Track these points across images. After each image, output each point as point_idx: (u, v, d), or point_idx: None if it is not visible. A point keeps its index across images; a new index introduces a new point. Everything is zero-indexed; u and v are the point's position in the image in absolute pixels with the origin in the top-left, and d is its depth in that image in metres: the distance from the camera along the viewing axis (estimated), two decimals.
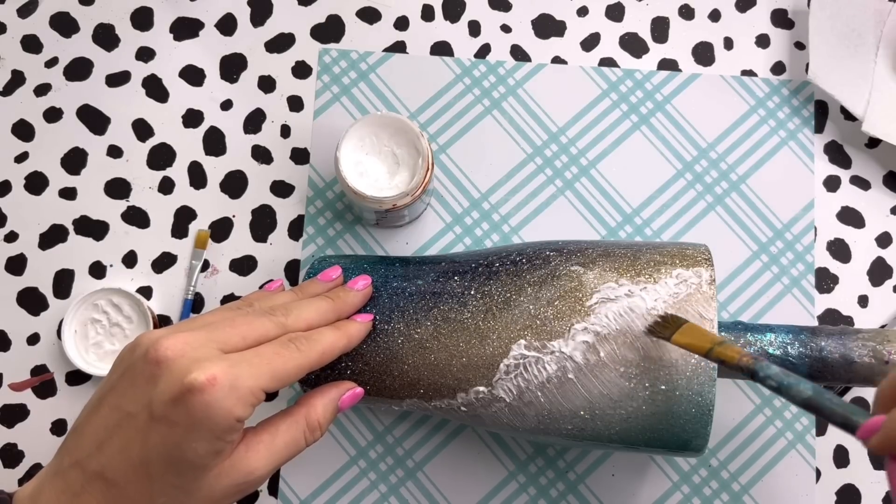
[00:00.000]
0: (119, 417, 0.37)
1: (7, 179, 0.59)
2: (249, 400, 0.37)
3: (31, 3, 0.61)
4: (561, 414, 0.45)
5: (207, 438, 0.36)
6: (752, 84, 0.60)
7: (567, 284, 0.46)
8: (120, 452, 0.37)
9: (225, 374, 0.36)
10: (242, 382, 0.36)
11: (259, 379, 0.37)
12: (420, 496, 0.55)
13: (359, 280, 0.48)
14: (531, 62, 0.60)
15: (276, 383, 0.38)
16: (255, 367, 0.37)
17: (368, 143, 0.52)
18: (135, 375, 0.37)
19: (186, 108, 0.60)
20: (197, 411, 0.35)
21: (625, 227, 0.58)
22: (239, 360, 0.37)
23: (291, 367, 0.39)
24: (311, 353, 0.41)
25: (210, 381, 0.35)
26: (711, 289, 0.45)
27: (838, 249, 0.58)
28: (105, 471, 0.37)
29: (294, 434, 0.41)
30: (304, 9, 0.61)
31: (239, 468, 0.38)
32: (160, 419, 0.36)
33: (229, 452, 0.38)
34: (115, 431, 0.37)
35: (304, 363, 0.40)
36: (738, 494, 0.55)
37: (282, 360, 0.39)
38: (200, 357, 0.36)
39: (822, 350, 0.45)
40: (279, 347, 0.40)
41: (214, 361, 0.36)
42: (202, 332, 0.38)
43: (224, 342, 0.38)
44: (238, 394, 0.36)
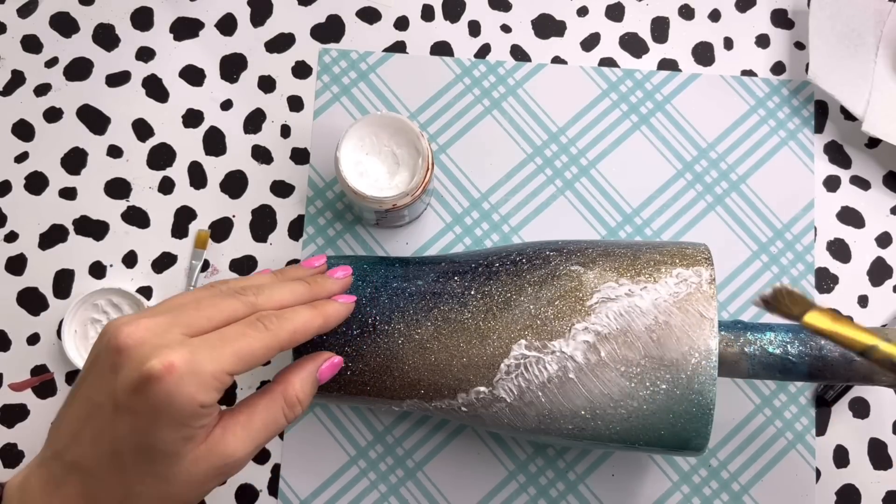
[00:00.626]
0: (89, 408, 0.37)
1: (7, 179, 0.59)
2: (212, 384, 0.36)
3: (31, 3, 0.61)
4: (562, 414, 0.45)
5: (172, 426, 0.35)
6: (752, 84, 0.60)
7: (567, 284, 0.46)
8: (92, 443, 0.36)
9: (184, 360, 0.35)
10: (203, 367, 0.35)
11: (221, 362, 0.36)
12: (420, 496, 0.55)
13: (338, 270, 0.46)
14: (531, 62, 0.60)
15: (243, 365, 0.37)
16: (216, 351, 0.36)
17: (368, 143, 0.52)
18: (101, 365, 0.37)
19: (186, 108, 0.60)
20: (157, 400, 0.35)
21: (625, 227, 0.58)
22: (200, 345, 0.36)
23: (258, 347, 0.38)
24: (281, 331, 0.39)
25: (167, 368, 0.35)
26: (711, 288, 0.45)
27: (838, 249, 0.58)
28: (81, 461, 0.37)
29: (272, 412, 0.40)
30: (304, 9, 0.61)
31: (216, 451, 0.37)
32: (124, 409, 0.35)
33: (203, 437, 0.37)
34: (86, 422, 0.37)
35: (272, 343, 0.38)
36: (738, 494, 0.55)
37: (247, 340, 0.37)
38: (160, 343, 0.36)
39: (822, 349, 0.45)
40: (245, 327, 0.38)
41: (174, 347, 0.35)
42: (165, 317, 0.37)
43: (188, 325, 0.37)
44: (199, 379, 0.35)
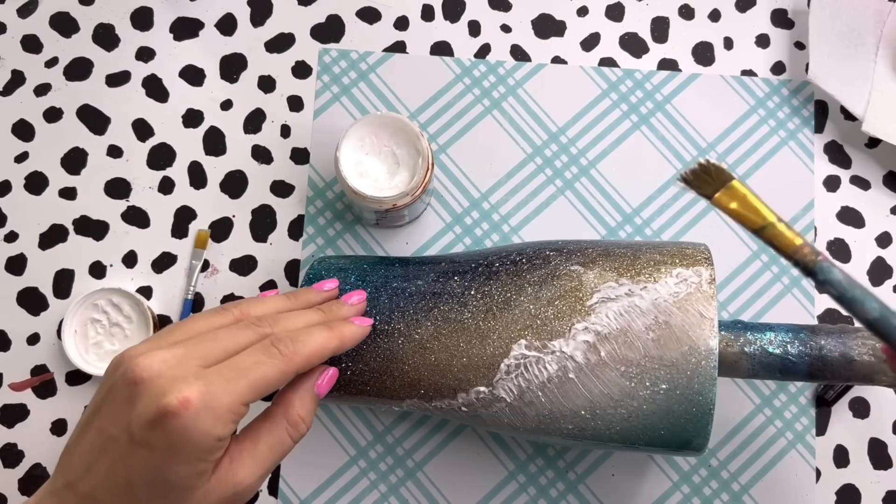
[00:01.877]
0: (103, 440, 0.36)
1: (7, 179, 0.59)
2: (228, 417, 0.36)
3: (31, 3, 0.61)
4: (562, 413, 0.45)
5: (188, 461, 0.35)
6: (752, 84, 0.60)
7: (567, 284, 0.46)
8: (106, 475, 0.36)
9: (199, 395, 0.35)
10: (219, 401, 0.35)
11: (237, 395, 0.36)
12: (420, 496, 0.55)
13: (353, 295, 0.46)
14: (531, 62, 0.60)
15: (258, 395, 0.37)
16: (231, 383, 0.36)
17: (368, 143, 0.52)
18: (115, 396, 0.36)
19: (186, 108, 0.60)
20: (174, 435, 0.34)
21: (625, 226, 0.58)
22: (215, 377, 0.36)
23: (273, 374, 0.37)
24: (296, 357, 0.38)
25: (183, 403, 0.34)
26: (711, 288, 0.45)
27: (838, 249, 0.58)
28: (94, 492, 0.36)
29: (277, 435, 0.40)
30: (304, 9, 0.61)
31: (226, 482, 0.37)
32: (139, 443, 0.35)
33: (213, 469, 0.37)
34: (100, 454, 0.36)
35: (287, 369, 0.38)
36: (738, 494, 0.55)
37: (262, 369, 0.37)
38: (177, 376, 0.35)
39: (822, 349, 0.45)
40: (260, 355, 0.38)
41: (190, 382, 0.35)
42: (181, 350, 0.37)
43: (204, 357, 0.37)
44: (215, 413, 0.35)
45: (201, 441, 0.35)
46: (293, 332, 0.40)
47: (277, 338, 0.39)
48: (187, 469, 0.36)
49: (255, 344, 0.39)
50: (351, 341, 0.43)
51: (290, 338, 0.39)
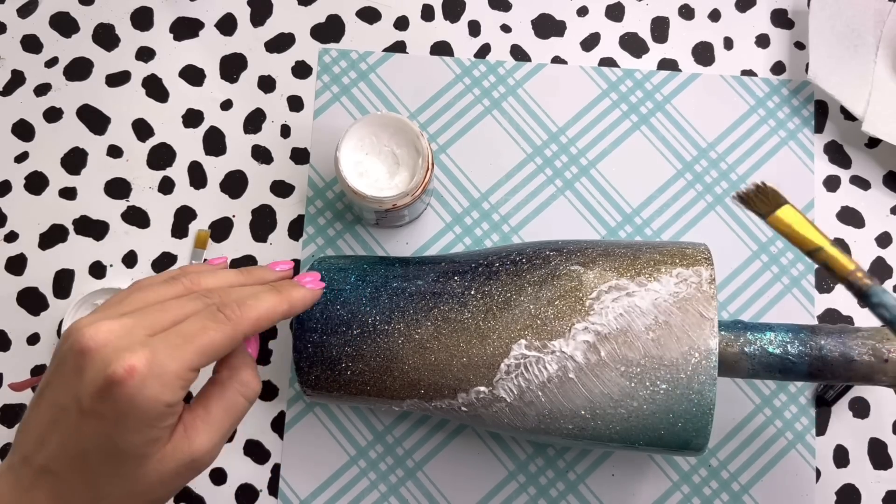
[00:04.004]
0: (55, 412, 0.36)
1: (7, 179, 0.59)
2: (176, 384, 0.35)
3: (31, 3, 0.61)
4: (562, 413, 0.45)
5: (138, 429, 0.35)
6: (752, 84, 0.60)
7: (567, 284, 0.46)
8: (59, 447, 0.36)
9: (145, 362, 0.34)
10: (165, 368, 0.35)
11: (184, 360, 0.36)
12: (420, 496, 0.55)
13: (307, 275, 0.45)
14: (531, 62, 0.60)
15: (206, 360, 0.37)
16: (178, 349, 0.36)
17: (368, 143, 0.52)
18: (64, 368, 0.36)
19: (186, 108, 0.60)
20: (121, 403, 0.34)
21: (625, 226, 0.58)
22: (161, 344, 0.35)
23: (220, 339, 0.37)
24: (243, 321, 0.38)
25: (129, 371, 0.34)
26: (711, 288, 0.45)
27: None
28: (49, 465, 0.36)
29: (229, 398, 0.39)
30: (304, 9, 0.61)
31: (181, 450, 0.37)
32: (89, 413, 0.35)
33: (168, 437, 0.37)
34: (52, 427, 0.36)
35: (235, 334, 0.37)
36: (738, 494, 0.55)
37: (209, 334, 0.37)
38: (122, 346, 0.35)
39: (822, 349, 0.45)
40: (206, 320, 0.37)
41: (135, 350, 0.35)
42: (129, 320, 0.36)
43: (152, 327, 0.37)
44: (162, 380, 0.35)
45: (150, 408, 0.35)
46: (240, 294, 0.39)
47: (224, 303, 0.38)
48: (139, 437, 0.35)
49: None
50: (301, 304, 0.42)
51: (236, 302, 0.38)
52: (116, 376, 0.34)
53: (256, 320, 0.38)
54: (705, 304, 0.44)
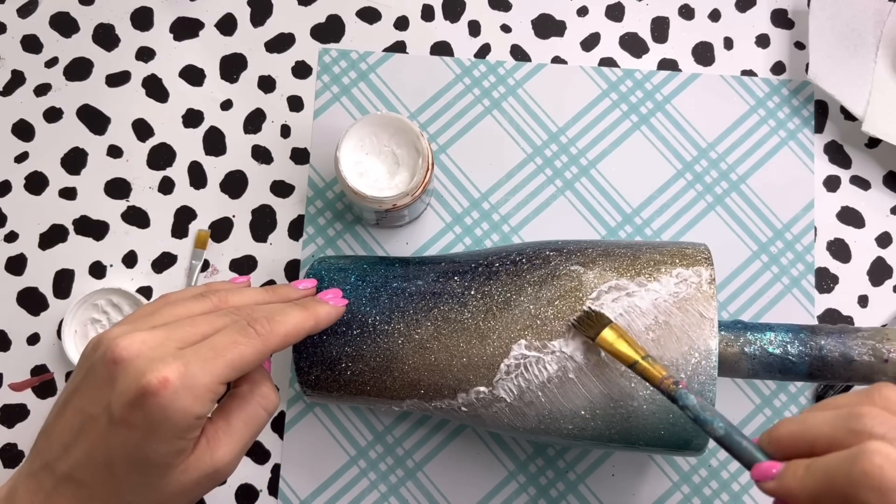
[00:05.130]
0: (82, 420, 0.37)
1: (7, 179, 0.59)
2: (207, 397, 0.36)
3: (31, 3, 0.61)
4: (562, 414, 0.45)
5: (167, 439, 0.36)
6: (752, 84, 0.60)
7: (567, 284, 0.46)
8: (85, 455, 0.37)
9: (178, 375, 0.35)
10: (197, 380, 0.36)
11: (215, 374, 0.36)
12: (420, 496, 0.55)
13: (329, 292, 0.45)
14: (531, 62, 0.60)
15: (236, 373, 0.38)
16: (209, 363, 0.37)
17: (368, 143, 0.52)
18: (95, 377, 0.37)
19: (186, 108, 0.60)
20: (153, 414, 0.35)
21: (625, 227, 0.58)
22: (193, 357, 0.36)
23: (250, 353, 0.38)
24: (272, 336, 0.39)
25: (163, 383, 0.35)
26: (711, 288, 0.45)
27: (838, 249, 0.58)
28: (73, 472, 0.37)
29: (249, 410, 0.40)
30: (304, 9, 0.61)
31: (203, 460, 0.38)
32: (119, 422, 0.36)
33: (192, 448, 0.38)
34: (79, 434, 0.37)
35: (264, 349, 0.39)
36: (738, 494, 0.55)
37: (239, 349, 0.38)
38: (156, 357, 0.36)
39: (822, 349, 0.45)
40: (236, 335, 0.38)
41: (168, 361, 0.36)
42: (161, 332, 0.37)
43: (183, 340, 0.37)
44: (194, 392, 0.36)
45: (180, 419, 0.36)
46: (269, 309, 0.40)
47: (253, 318, 0.39)
48: (167, 447, 0.36)
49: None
50: (326, 321, 0.43)
51: (265, 317, 0.39)
52: (150, 387, 0.35)
53: (285, 336, 0.40)
54: (705, 304, 0.44)
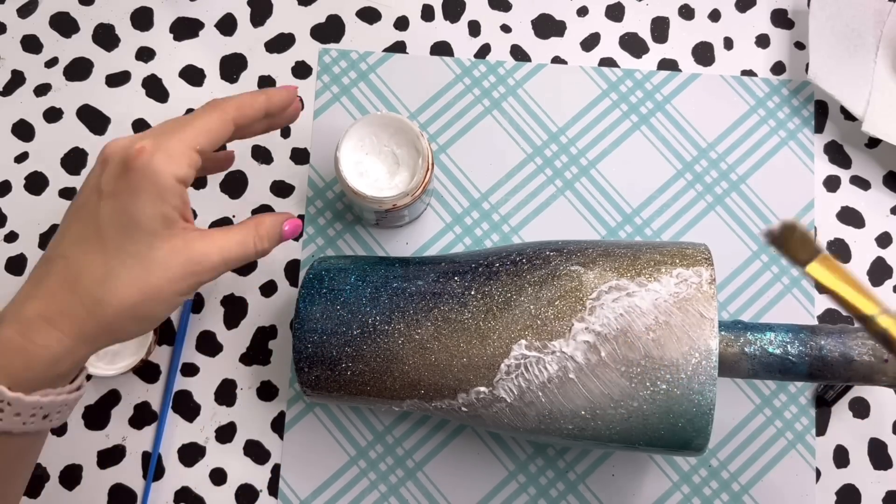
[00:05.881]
0: (75, 207, 0.41)
1: (7, 179, 0.59)
2: (183, 159, 0.40)
3: (31, 3, 0.61)
4: (562, 414, 0.45)
5: (151, 200, 0.39)
6: (752, 84, 0.60)
7: (567, 284, 0.46)
8: (77, 233, 0.40)
9: (152, 142, 0.40)
10: (170, 145, 0.40)
11: (184, 138, 0.41)
12: (420, 496, 0.55)
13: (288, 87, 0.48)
14: (531, 62, 0.60)
15: (205, 138, 0.42)
16: (178, 131, 0.41)
17: (368, 143, 0.52)
18: (88, 178, 0.42)
19: (186, 109, 0.60)
20: (135, 176, 0.39)
21: (625, 227, 0.58)
22: (164, 130, 0.41)
23: (212, 121, 0.42)
24: (227, 105, 0.43)
25: (140, 150, 0.39)
26: (711, 288, 0.45)
27: (838, 249, 0.58)
28: (65, 251, 0.40)
29: (243, 238, 0.43)
30: (304, 9, 0.61)
31: (192, 247, 0.41)
32: (108, 195, 0.40)
33: (181, 229, 0.41)
34: (71, 221, 0.41)
35: (224, 116, 0.43)
36: (738, 494, 0.55)
37: (202, 118, 0.42)
38: (135, 138, 0.41)
39: (822, 349, 0.45)
40: (197, 111, 0.43)
41: (145, 137, 0.40)
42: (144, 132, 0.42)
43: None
44: (169, 154, 0.40)
45: (160, 179, 0.39)
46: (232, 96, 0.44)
47: (216, 100, 0.44)
48: (151, 208, 0.40)
49: None
50: (279, 100, 0.46)
51: (223, 98, 0.44)
52: (130, 156, 0.39)
53: (238, 106, 0.43)
54: (705, 304, 0.44)
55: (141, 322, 0.41)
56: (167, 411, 0.56)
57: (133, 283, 0.40)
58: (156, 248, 0.40)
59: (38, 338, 0.39)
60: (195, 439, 0.56)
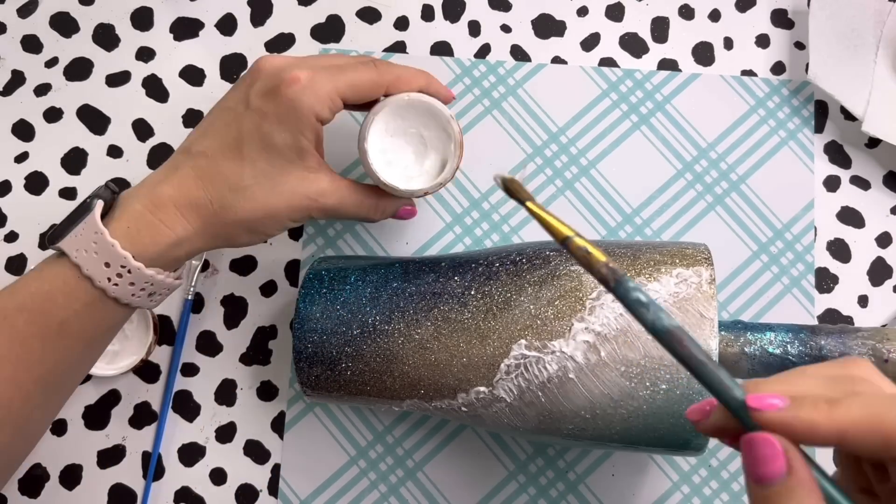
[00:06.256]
0: (221, 112, 0.45)
1: (7, 179, 0.59)
2: (327, 103, 0.44)
3: (31, 3, 0.61)
4: (562, 414, 0.45)
5: (291, 129, 0.43)
6: (752, 84, 0.60)
7: (567, 284, 0.46)
8: (218, 135, 0.44)
9: (307, 76, 0.43)
10: (321, 85, 0.44)
11: (336, 85, 0.44)
12: (420, 496, 0.55)
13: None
14: (531, 62, 0.60)
15: (352, 92, 0.45)
16: (333, 76, 0.44)
17: (393, 127, 0.49)
18: (240, 83, 0.46)
19: (186, 108, 0.60)
20: (282, 101, 0.43)
21: (625, 227, 0.58)
22: (321, 70, 0.44)
23: (367, 79, 0.45)
24: (388, 73, 0.46)
25: (294, 78, 0.43)
26: (711, 288, 0.45)
27: (838, 249, 0.58)
28: (205, 150, 0.44)
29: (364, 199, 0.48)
30: (304, 9, 0.61)
31: (317, 184, 0.45)
32: (254, 109, 0.44)
33: (315, 164, 0.45)
34: (217, 120, 0.45)
35: (379, 80, 0.46)
36: (738, 494, 0.55)
37: (359, 73, 0.45)
38: (292, 64, 0.44)
39: (822, 349, 0.45)
40: (358, 64, 0.46)
41: (302, 68, 0.44)
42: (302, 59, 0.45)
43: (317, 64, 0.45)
44: (317, 94, 0.43)
45: (303, 113, 0.43)
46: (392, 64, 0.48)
47: (377, 60, 0.47)
48: (290, 138, 0.44)
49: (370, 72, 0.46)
50: (435, 84, 0.49)
51: (384, 62, 0.47)
52: (283, 80, 0.43)
53: (398, 77, 0.47)
54: (705, 304, 0.44)
55: (252, 234, 0.45)
56: (167, 411, 0.56)
57: (259, 199, 0.44)
58: (286, 173, 0.44)
59: (167, 219, 0.43)
60: (195, 439, 0.56)
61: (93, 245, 0.41)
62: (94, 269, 0.42)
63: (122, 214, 0.43)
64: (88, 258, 0.41)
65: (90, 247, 0.41)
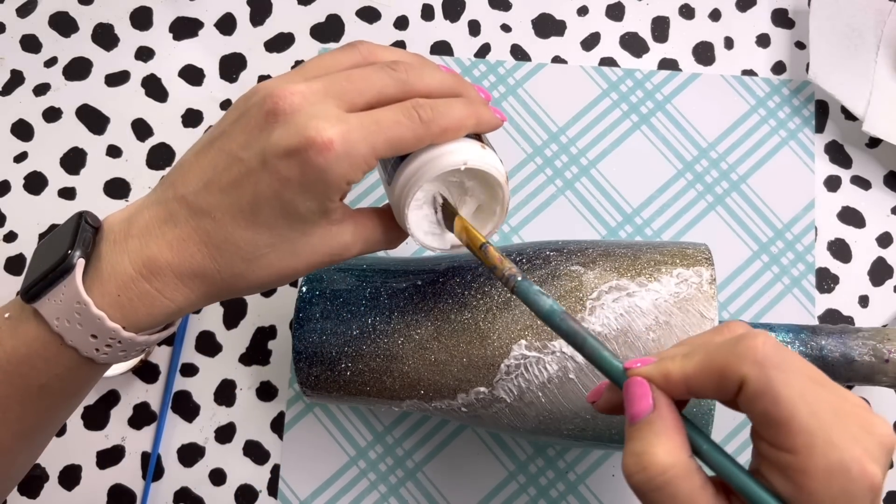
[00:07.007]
0: (229, 161, 0.37)
1: (7, 179, 0.59)
2: (362, 167, 0.37)
3: (30, 3, 0.61)
4: (562, 414, 0.45)
5: (318, 198, 0.37)
6: (753, 84, 0.60)
7: (567, 284, 0.46)
8: (226, 193, 0.37)
9: (342, 139, 0.36)
10: (358, 150, 0.36)
11: (373, 147, 0.37)
12: (420, 496, 0.55)
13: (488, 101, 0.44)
14: (531, 62, 0.60)
15: (392, 152, 0.38)
16: (371, 135, 0.36)
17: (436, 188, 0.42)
18: (248, 122, 0.37)
19: (186, 108, 0.60)
20: (311, 170, 0.36)
21: (625, 227, 0.58)
22: (357, 125, 0.36)
23: (409, 137, 0.38)
24: (434, 126, 0.38)
25: (327, 144, 0.35)
26: (712, 288, 0.45)
27: (839, 249, 0.58)
28: (210, 209, 0.37)
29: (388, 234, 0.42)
30: (303, 8, 0.61)
31: (341, 238, 0.40)
32: (272, 170, 0.36)
33: (338, 218, 0.39)
34: (223, 173, 0.37)
35: (424, 136, 0.38)
36: None
37: (401, 129, 0.37)
38: (318, 114, 0.36)
39: (823, 349, 0.45)
40: (400, 115, 0.38)
41: (333, 123, 0.36)
42: (319, 85, 0.37)
43: (341, 97, 0.37)
44: (352, 160, 0.36)
45: (334, 182, 0.36)
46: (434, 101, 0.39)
47: (419, 104, 0.38)
48: (315, 205, 0.37)
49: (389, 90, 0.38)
50: (487, 125, 0.41)
51: (430, 106, 0.39)
52: (313, 143, 0.35)
53: (446, 130, 0.39)
54: (706, 304, 0.44)
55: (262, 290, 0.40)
56: (167, 411, 0.56)
57: (275, 266, 0.39)
58: (308, 234, 0.38)
59: (166, 290, 0.37)
60: (195, 439, 0.56)
61: (76, 316, 0.36)
62: (80, 340, 0.37)
63: (109, 276, 0.37)
64: (72, 329, 0.36)
65: (73, 318, 0.36)
